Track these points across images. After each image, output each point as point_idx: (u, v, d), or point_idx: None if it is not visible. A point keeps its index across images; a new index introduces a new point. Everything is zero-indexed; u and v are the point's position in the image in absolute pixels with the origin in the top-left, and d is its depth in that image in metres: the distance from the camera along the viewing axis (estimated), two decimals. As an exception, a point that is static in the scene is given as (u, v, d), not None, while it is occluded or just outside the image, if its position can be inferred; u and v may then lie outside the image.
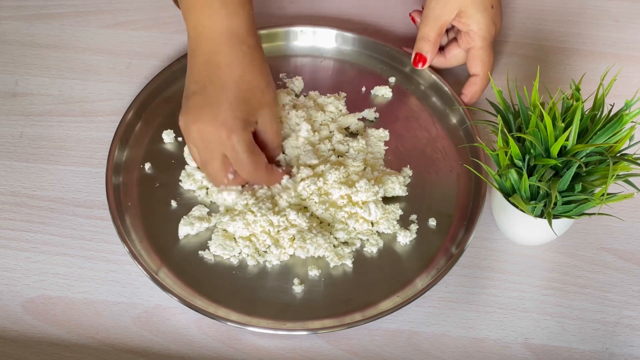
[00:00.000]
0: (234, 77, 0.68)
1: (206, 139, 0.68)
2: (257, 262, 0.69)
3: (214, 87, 0.67)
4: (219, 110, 0.67)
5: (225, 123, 0.67)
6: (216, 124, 0.67)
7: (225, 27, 0.68)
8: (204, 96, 0.67)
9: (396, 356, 0.66)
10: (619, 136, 0.63)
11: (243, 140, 0.68)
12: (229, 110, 0.67)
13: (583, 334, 0.67)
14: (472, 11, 0.76)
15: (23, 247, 0.71)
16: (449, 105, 0.80)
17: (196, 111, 0.67)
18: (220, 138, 0.67)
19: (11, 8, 0.89)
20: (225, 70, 0.68)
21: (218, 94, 0.67)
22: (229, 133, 0.67)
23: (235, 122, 0.67)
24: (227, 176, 0.70)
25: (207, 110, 0.67)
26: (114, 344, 0.66)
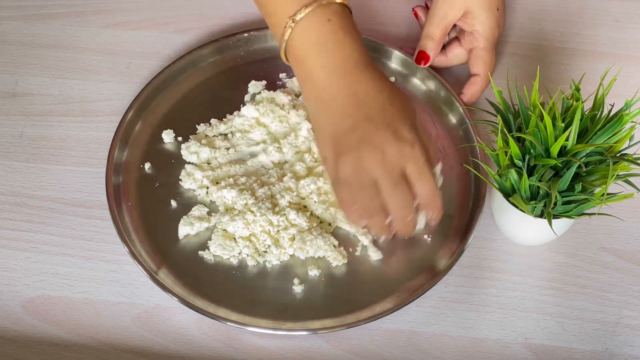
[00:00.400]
0: (386, 98, 0.66)
1: (392, 161, 0.65)
2: (257, 262, 0.69)
3: (376, 112, 0.65)
4: (395, 128, 0.65)
5: (405, 138, 0.65)
6: (398, 140, 0.64)
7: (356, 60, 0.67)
8: (374, 123, 0.65)
9: (396, 356, 0.66)
10: (619, 136, 0.63)
11: (423, 152, 0.66)
12: (404, 126, 0.65)
13: (583, 334, 0.67)
14: (478, 12, 0.76)
15: (23, 247, 0.71)
16: (449, 105, 0.80)
17: (374, 137, 0.65)
18: (406, 154, 0.65)
19: (11, 8, 0.89)
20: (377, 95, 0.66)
21: (385, 116, 0.65)
22: (411, 146, 0.65)
23: (412, 135, 0.65)
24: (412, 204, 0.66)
25: (384, 131, 0.65)
26: (114, 344, 0.66)
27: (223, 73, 0.82)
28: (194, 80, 0.82)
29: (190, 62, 0.82)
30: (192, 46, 0.85)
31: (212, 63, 0.83)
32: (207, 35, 0.86)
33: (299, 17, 0.66)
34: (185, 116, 0.79)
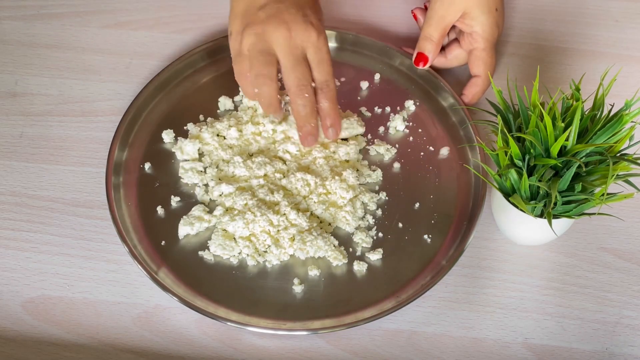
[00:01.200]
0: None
1: (296, 39, 0.69)
2: (257, 262, 0.69)
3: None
4: (305, 12, 0.69)
5: (313, 23, 0.69)
6: (307, 23, 0.69)
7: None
8: (284, 3, 0.69)
9: (396, 356, 0.66)
10: (619, 136, 0.63)
11: (326, 41, 0.71)
12: (313, 13, 0.70)
13: (583, 334, 0.67)
14: (476, 13, 0.76)
15: (23, 247, 0.71)
16: (449, 105, 0.80)
17: (283, 15, 0.69)
18: (310, 38, 0.69)
19: (11, 8, 0.89)
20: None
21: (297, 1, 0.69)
22: (317, 33, 0.70)
23: (320, 25, 0.70)
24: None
25: (294, 12, 0.69)
26: (114, 344, 0.66)
27: (222, 73, 0.82)
28: (194, 81, 0.82)
29: (190, 62, 0.82)
30: (192, 46, 0.85)
31: (212, 63, 0.83)
32: (207, 36, 0.86)
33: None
34: (185, 116, 0.79)
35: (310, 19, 0.69)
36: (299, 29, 0.69)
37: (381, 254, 0.70)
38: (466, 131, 0.77)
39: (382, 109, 0.81)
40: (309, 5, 0.71)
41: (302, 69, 0.70)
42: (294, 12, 0.69)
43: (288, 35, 0.69)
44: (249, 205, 0.71)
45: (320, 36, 0.70)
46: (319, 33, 0.70)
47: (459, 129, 0.78)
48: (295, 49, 0.69)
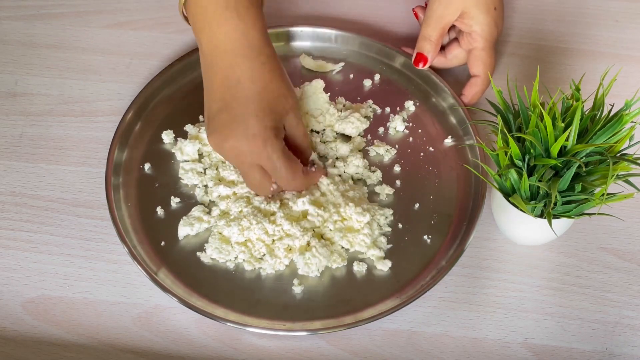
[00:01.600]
0: (257, 90, 0.67)
1: (241, 154, 0.68)
2: (253, 267, 0.69)
3: (238, 103, 0.67)
4: (247, 124, 0.66)
5: (256, 135, 0.66)
6: (248, 137, 0.66)
7: (241, 40, 0.67)
8: (230, 113, 0.67)
9: (396, 356, 0.66)
10: (619, 136, 0.63)
11: (277, 148, 0.67)
12: (258, 122, 0.67)
13: (583, 334, 0.67)
14: (475, 12, 0.76)
15: (23, 247, 0.71)
16: (449, 105, 0.80)
17: (225, 129, 0.67)
18: (254, 150, 0.67)
19: (11, 8, 0.89)
20: (247, 84, 0.67)
21: (243, 109, 0.67)
22: (263, 143, 0.67)
23: (267, 132, 0.67)
24: (271, 185, 0.70)
25: (235, 126, 0.67)
26: (114, 344, 0.66)
27: (223, 73, 0.82)
28: (194, 81, 0.82)
29: (190, 62, 0.82)
30: (192, 46, 0.85)
31: (212, 63, 0.83)
32: (207, 35, 0.86)
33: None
34: (185, 116, 0.79)
35: (255, 129, 0.66)
36: (242, 145, 0.67)
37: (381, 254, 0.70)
38: (466, 131, 0.77)
39: (381, 109, 0.81)
40: (259, 113, 0.67)
41: (251, 178, 0.70)
42: (236, 127, 0.67)
43: (234, 151, 0.68)
44: (244, 212, 0.71)
45: (267, 144, 0.67)
46: (264, 142, 0.67)
47: (459, 129, 0.78)
48: (242, 164, 0.69)
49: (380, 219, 0.72)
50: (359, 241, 0.70)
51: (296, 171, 0.70)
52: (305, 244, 0.70)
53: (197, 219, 0.71)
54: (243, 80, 0.67)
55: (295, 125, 0.71)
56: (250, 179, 0.70)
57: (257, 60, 0.68)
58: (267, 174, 0.70)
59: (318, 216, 0.71)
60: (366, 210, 0.71)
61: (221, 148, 0.68)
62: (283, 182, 0.70)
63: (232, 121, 0.67)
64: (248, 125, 0.67)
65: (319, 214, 0.71)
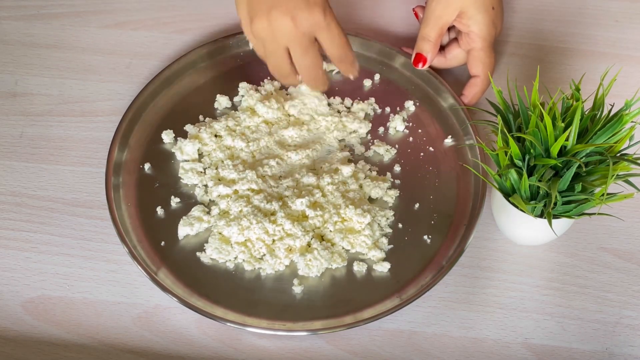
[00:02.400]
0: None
1: (301, 25, 0.68)
2: (253, 267, 0.69)
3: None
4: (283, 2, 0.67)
5: (317, 4, 0.68)
6: (309, 6, 0.67)
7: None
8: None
9: (396, 356, 0.66)
10: (619, 136, 0.63)
11: (335, 17, 0.69)
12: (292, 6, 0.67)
13: (583, 334, 0.67)
14: (472, 12, 0.76)
15: (23, 247, 0.71)
16: (449, 105, 0.80)
17: (282, 4, 0.68)
18: (316, 20, 0.68)
19: (11, 8, 0.89)
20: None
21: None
22: (323, 12, 0.68)
23: (324, 2, 0.68)
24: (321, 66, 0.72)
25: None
26: (114, 344, 0.66)
27: (222, 73, 0.82)
28: (194, 81, 0.82)
29: (190, 62, 0.82)
30: (192, 46, 0.85)
31: (212, 63, 0.83)
32: (207, 36, 0.86)
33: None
34: (185, 116, 0.79)
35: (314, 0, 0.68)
36: (303, 15, 0.68)
37: (381, 253, 0.70)
38: (466, 131, 0.77)
39: (381, 109, 0.81)
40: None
41: (311, 55, 0.70)
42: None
43: (292, 25, 0.68)
44: (244, 212, 0.70)
45: (326, 14, 0.68)
46: (324, 12, 0.68)
47: (459, 129, 0.78)
48: (303, 37, 0.69)
49: (381, 220, 0.72)
50: (359, 242, 0.70)
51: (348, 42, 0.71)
52: (305, 244, 0.70)
53: (197, 218, 0.71)
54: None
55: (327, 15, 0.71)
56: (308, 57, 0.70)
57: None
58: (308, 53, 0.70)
59: (318, 217, 0.71)
60: (367, 212, 0.71)
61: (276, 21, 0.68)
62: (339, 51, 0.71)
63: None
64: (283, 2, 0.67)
65: (319, 215, 0.71)
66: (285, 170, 0.75)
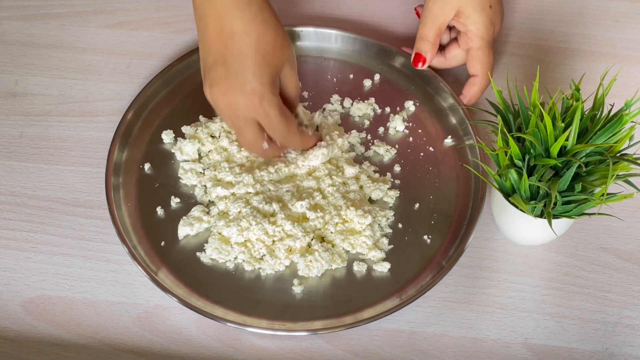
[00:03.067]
0: (251, 43, 0.67)
1: (237, 109, 0.68)
2: (253, 267, 0.69)
3: (233, 57, 0.67)
4: (244, 79, 0.67)
5: (254, 91, 0.67)
6: (245, 93, 0.67)
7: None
8: (226, 67, 0.67)
9: (396, 356, 0.66)
10: (619, 136, 0.63)
11: (274, 104, 0.68)
12: (255, 78, 0.67)
13: (583, 334, 0.67)
14: (470, 11, 0.76)
15: (23, 247, 0.71)
16: (449, 105, 0.80)
17: (222, 84, 0.68)
18: (251, 106, 0.67)
19: (11, 8, 0.89)
20: (241, 37, 0.67)
21: (239, 64, 0.67)
22: (260, 100, 0.67)
23: (264, 88, 0.67)
24: (263, 144, 0.71)
25: (233, 81, 0.67)
26: (114, 344, 0.66)
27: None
28: (194, 81, 0.82)
29: (190, 62, 0.82)
30: (192, 46, 0.85)
31: (212, 63, 0.83)
32: (207, 35, 0.86)
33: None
34: (185, 116, 0.79)
35: (252, 85, 0.66)
36: (239, 100, 0.67)
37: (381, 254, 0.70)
38: (466, 131, 0.77)
39: (381, 109, 0.81)
40: (254, 64, 0.67)
41: (246, 135, 0.70)
42: (233, 81, 0.67)
43: (229, 107, 0.68)
44: (243, 213, 0.70)
45: (263, 102, 0.67)
46: (261, 99, 0.67)
47: (459, 129, 0.78)
48: (238, 119, 0.69)
49: (382, 221, 0.72)
50: (360, 243, 0.70)
51: (291, 126, 0.70)
52: (306, 245, 0.70)
53: (197, 219, 0.71)
54: (237, 33, 0.67)
55: (289, 76, 0.71)
56: (245, 135, 0.70)
57: (248, 10, 0.67)
58: (261, 130, 0.70)
59: (318, 219, 0.71)
60: (367, 212, 0.71)
61: (217, 102, 0.68)
62: (279, 138, 0.71)
63: (228, 76, 0.67)
64: (245, 81, 0.67)
65: (319, 217, 0.70)
66: (284, 176, 0.75)
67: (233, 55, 0.67)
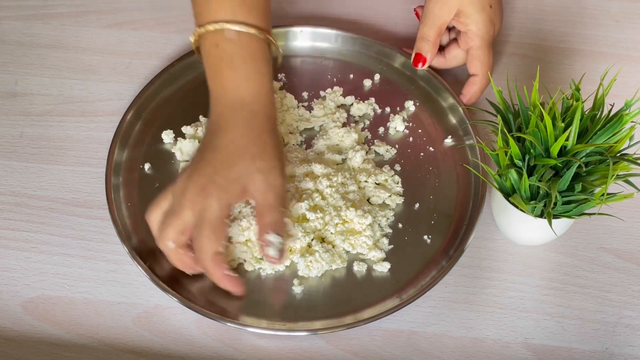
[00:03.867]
0: (225, 140, 0.66)
1: (186, 195, 0.65)
2: (253, 268, 0.69)
3: (208, 150, 0.67)
4: (203, 172, 0.65)
5: (205, 188, 0.64)
6: (198, 185, 0.65)
7: (234, 91, 0.68)
8: (201, 156, 0.67)
9: (396, 356, 0.66)
10: (619, 136, 0.63)
11: (213, 210, 0.64)
12: (212, 175, 0.65)
13: (583, 334, 0.67)
14: (470, 11, 0.76)
15: (23, 247, 0.71)
16: (449, 105, 0.80)
17: (191, 167, 0.66)
18: (196, 200, 0.64)
19: (11, 8, 0.89)
20: (221, 133, 0.67)
21: (209, 156, 0.66)
22: (205, 197, 0.64)
23: (213, 189, 0.64)
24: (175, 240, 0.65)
25: (198, 170, 0.66)
26: (114, 344, 0.66)
27: (223, 73, 0.82)
28: (194, 81, 0.82)
29: (190, 62, 0.82)
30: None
31: (212, 63, 0.83)
32: (207, 35, 0.86)
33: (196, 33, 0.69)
34: (185, 116, 0.79)
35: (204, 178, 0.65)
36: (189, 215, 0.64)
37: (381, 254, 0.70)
38: (466, 131, 0.77)
39: (381, 109, 0.81)
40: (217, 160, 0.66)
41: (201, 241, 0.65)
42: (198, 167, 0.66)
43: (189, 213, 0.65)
44: (243, 212, 0.70)
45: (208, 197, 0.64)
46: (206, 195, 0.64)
47: (459, 129, 0.78)
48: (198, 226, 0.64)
49: (382, 221, 0.72)
50: (360, 243, 0.70)
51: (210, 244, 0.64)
52: (306, 246, 0.70)
53: None
54: (221, 129, 0.67)
55: (261, 190, 0.66)
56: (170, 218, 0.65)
57: (239, 112, 0.67)
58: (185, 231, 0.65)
59: (319, 219, 0.70)
60: (368, 212, 0.71)
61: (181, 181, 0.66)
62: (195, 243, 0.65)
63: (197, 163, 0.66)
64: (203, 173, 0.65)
65: (319, 218, 0.70)
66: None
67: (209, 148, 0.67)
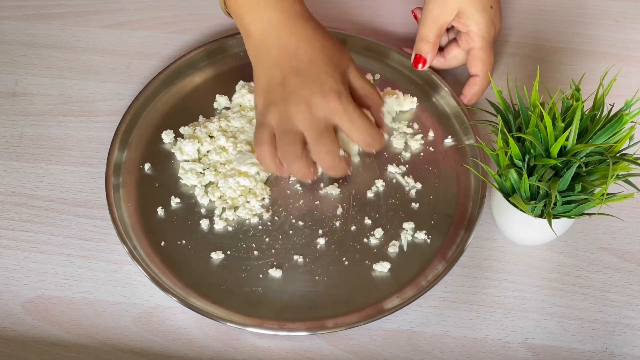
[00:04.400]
0: (317, 49, 0.71)
1: (317, 113, 0.69)
2: (231, 216, 0.71)
3: (305, 65, 0.70)
4: (321, 81, 0.69)
5: (331, 89, 0.69)
6: (324, 93, 0.68)
7: (290, 12, 0.71)
8: (300, 75, 0.69)
9: (396, 356, 0.66)
10: (619, 136, 0.63)
11: (351, 100, 0.70)
12: (329, 78, 0.69)
13: (583, 334, 0.67)
14: (471, 11, 0.76)
15: (23, 247, 0.71)
16: (449, 105, 0.80)
17: (300, 91, 0.69)
18: (332, 106, 0.69)
19: (11, 8, 0.89)
20: (305, 46, 0.70)
21: (313, 69, 0.69)
22: (338, 97, 0.69)
23: (339, 85, 0.69)
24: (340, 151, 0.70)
25: (310, 85, 0.69)
26: (114, 344, 0.66)
27: (223, 73, 0.82)
28: (194, 81, 0.82)
29: (190, 62, 0.82)
30: (192, 46, 0.85)
31: (212, 63, 0.83)
32: (207, 36, 0.86)
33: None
34: (185, 116, 0.79)
35: (328, 85, 0.69)
36: (319, 102, 0.68)
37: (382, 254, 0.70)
38: (466, 131, 0.77)
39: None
40: (325, 68, 0.70)
41: (325, 142, 0.69)
42: (310, 85, 0.69)
43: (309, 111, 0.69)
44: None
45: (342, 99, 0.69)
46: (339, 97, 0.69)
47: (459, 129, 0.78)
48: (318, 123, 0.69)
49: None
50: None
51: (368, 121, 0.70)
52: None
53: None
54: (301, 45, 0.70)
55: (358, 76, 0.73)
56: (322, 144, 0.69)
57: (308, 26, 0.72)
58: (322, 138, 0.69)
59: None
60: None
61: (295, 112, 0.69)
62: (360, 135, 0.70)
63: (303, 83, 0.69)
64: (322, 82, 0.69)
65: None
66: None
67: (303, 64, 0.70)
